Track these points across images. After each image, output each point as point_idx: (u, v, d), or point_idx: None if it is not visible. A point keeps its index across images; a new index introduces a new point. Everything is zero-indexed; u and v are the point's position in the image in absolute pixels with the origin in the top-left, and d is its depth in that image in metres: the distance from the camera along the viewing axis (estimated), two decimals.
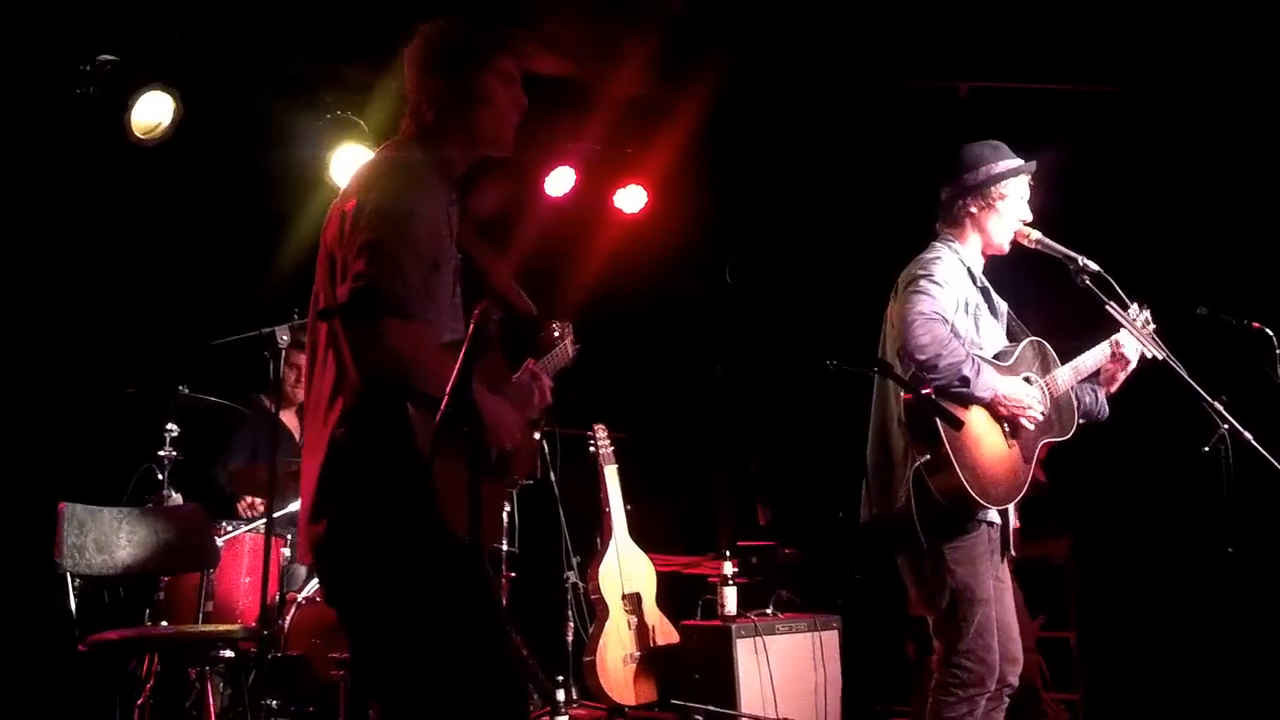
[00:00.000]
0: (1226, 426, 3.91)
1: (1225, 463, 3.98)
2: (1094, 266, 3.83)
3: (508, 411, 2.80)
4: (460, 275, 2.82)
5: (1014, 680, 3.82)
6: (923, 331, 3.64)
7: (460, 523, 2.56)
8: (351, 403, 2.72)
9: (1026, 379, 3.89)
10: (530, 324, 3.26)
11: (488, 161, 3.00)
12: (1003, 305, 4.09)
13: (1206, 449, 3.97)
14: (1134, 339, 3.98)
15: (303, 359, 5.91)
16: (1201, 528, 4.42)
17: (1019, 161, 3.97)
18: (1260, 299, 4.57)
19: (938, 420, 3.59)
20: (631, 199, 7.18)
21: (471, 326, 2.48)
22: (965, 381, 3.66)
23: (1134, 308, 4.02)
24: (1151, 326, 4.06)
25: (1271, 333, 4.19)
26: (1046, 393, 3.91)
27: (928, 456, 3.65)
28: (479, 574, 2.76)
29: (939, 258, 3.89)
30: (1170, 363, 3.88)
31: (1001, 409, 3.77)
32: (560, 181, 6.88)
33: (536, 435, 3.09)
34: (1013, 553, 3.89)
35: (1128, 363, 4.03)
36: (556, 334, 3.40)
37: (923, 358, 3.64)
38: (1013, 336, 4.06)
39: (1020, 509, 3.92)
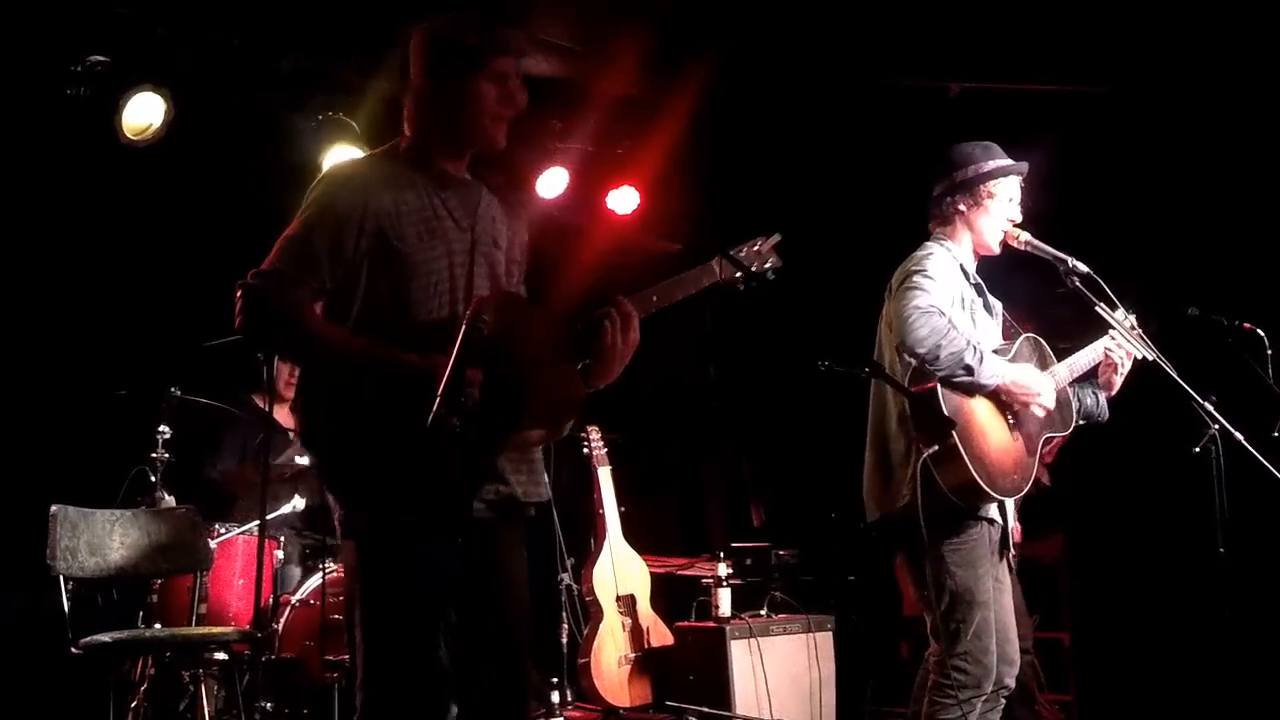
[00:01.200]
0: (1217, 427, 3.92)
1: (1216, 463, 3.99)
2: (1084, 268, 3.84)
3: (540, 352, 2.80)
4: (397, 266, 2.81)
5: (1010, 682, 3.82)
6: (921, 324, 3.64)
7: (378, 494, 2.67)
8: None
9: None
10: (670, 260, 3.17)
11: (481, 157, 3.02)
12: (997, 304, 4.09)
13: (1197, 449, 3.98)
14: (1125, 340, 3.99)
15: None
16: (1193, 528, 4.43)
17: (1010, 161, 3.98)
18: (1251, 299, 4.59)
19: (943, 413, 3.59)
20: (624, 200, 7.18)
21: (464, 325, 2.48)
22: (969, 370, 3.65)
23: (1120, 311, 4.03)
24: (1137, 331, 4.07)
25: (1263, 333, 4.20)
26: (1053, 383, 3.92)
27: (935, 448, 3.62)
28: (438, 554, 2.73)
29: (931, 254, 3.90)
30: (1161, 363, 3.89)
31: (1012, 397, 3.77)
32: (553, 182, 6.88)
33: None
34: (1012, 552, 3.90)
35: (1117, 366, 4.03)
36: (749, 251, 3.20)
37: (923, 350, 3.63)
38: (1007, 336, 4.06)
39: (1019, 508, 3.94)
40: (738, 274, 3.11)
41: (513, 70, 2.96)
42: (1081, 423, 4.08)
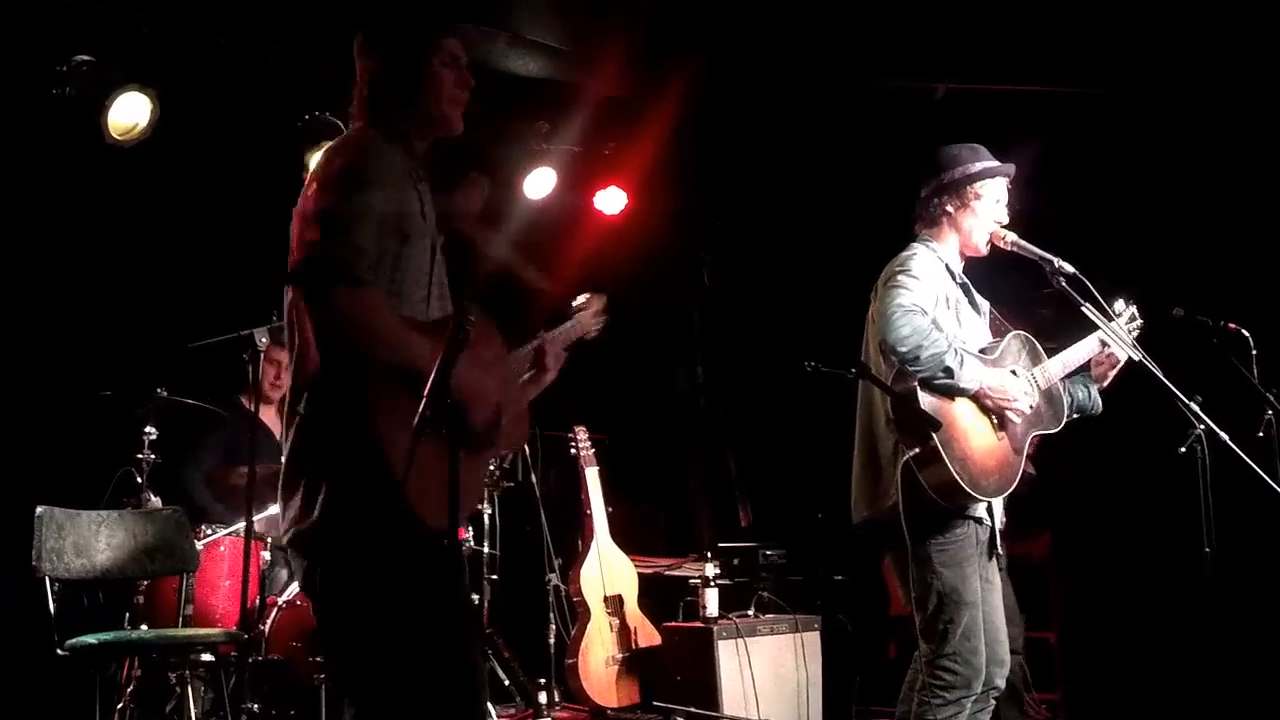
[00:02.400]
0: (1203, 427, 3.93)
1: (1202, 462, 4.00)
2: (1070, 269, 3.84)
3: (481, 384, 2.77)
4: (444, 254, 2.81)
5: (1001, 683, 3.82)
6: (903, 323, 3.65)
7: (423, 508, 2.57)
8: (312, 378, 2.70)
9: (1013, 372, 3.90)
10: (540, 297, 3.29)
11: (441, 142, 3.02)
12: (985, 303, 4.10)
13: (1183, 449, 3.99)
14: (1111, 340, 4.00)
15: (283, 355, 5.91)
16: (1179, 527, 4.45)
17: (997, 163, 3.99)
18: (1235, 299, 4.60)
19: (927, 413, 3.60)
20: (611, 200, 7.19)
21: (451, 326, 2.48)
22: (949, 372, 3.66)
23: (1119, 303, 4.04)
24: (1138, 322, 4.08)
25: (1247, 333, 4.21)
26: (1035, 384, 3.92)
27: (917, 450, 3.63)
28: (439, 563, 2.69)
29: (916, 254, 3.91)
30: (1147, 363, 3.90)
31: (988, 400, 3.79)
32: (540, 183, 6.88)
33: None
34: (999, 552, 3.91)
35: (1115, 362, 4.04)
36: (579, 304, 3.39)
37: (904, 349, 3.64)
38: (996, 333, 4.07)
39: (1006, 507, 3.94)
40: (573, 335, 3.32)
41: (461, 52, 2.98)
42: (1075, 416, 4.08)
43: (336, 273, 2.60)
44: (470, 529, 5.86)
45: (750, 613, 5.87)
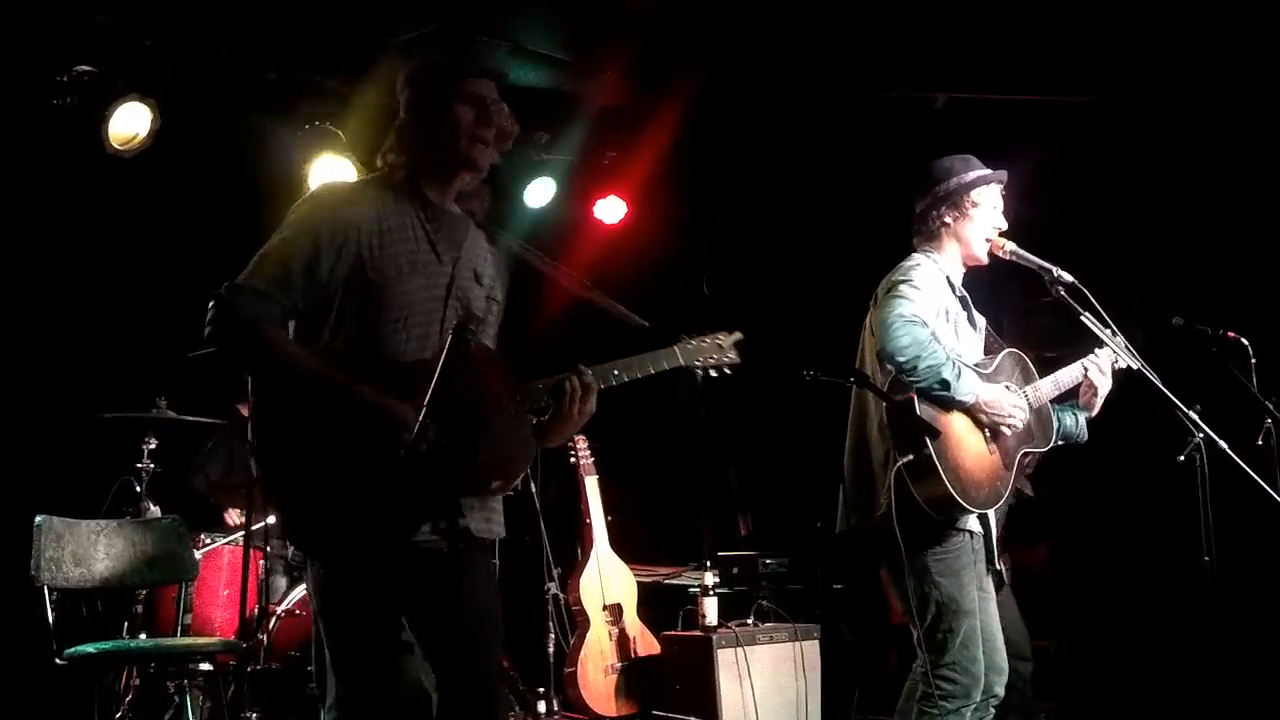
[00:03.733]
0: (1202, 435, 3.93)
1: (1201, 471, 4.00)
2: (1069, 278, 3.85)
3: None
4: (369, 297, 2.81)
5: (1001, 691, 3.82)
6: (902, 333, 3.66)
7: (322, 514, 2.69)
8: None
9: (1006, 388, 3.91)
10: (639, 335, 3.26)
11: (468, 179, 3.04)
12: (981, 319, 4.11)
13: (1182, 458, 4.00)
14: (1111, 349, 4.00)
15: None
16: (1178, 535, 4.45)
17: (989, 170, 4.00)
18: (1234, 308, 4.61)
19: (925, 421, 3.60)
20: (611, 210, 7.20)
21: (449, 340, 2.49)
22: (946, 385, 3.67)
23: (1108, 330, 4.04)
24: (1123, 342, 4.08)
25: (1246, 342, 4.22)
26: (1028, 402, 3.92)
27: (910, 458, 3.64)
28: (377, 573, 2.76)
29: (918, 265, 3.92)
30: (1145, 372, 3.90)
31: (983, 415, 3.79)
32: (540, 193, 6.90)
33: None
34: (997, 566, 3.91)
35: (1096, 388, 4.04)
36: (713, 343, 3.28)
37: (902, 359, 3.65)
38: (989, 350, 4.08)
39: (1004, 517, 3.94)
40: (695, 363, 3.20)
41: (488, 92, 2.98)
42: (1060, 443, 4.08)
43: (220, 300, 2.80)
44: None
45: (750, 622, 5.86)
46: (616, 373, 3.00)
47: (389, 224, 2.86)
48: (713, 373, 3.25)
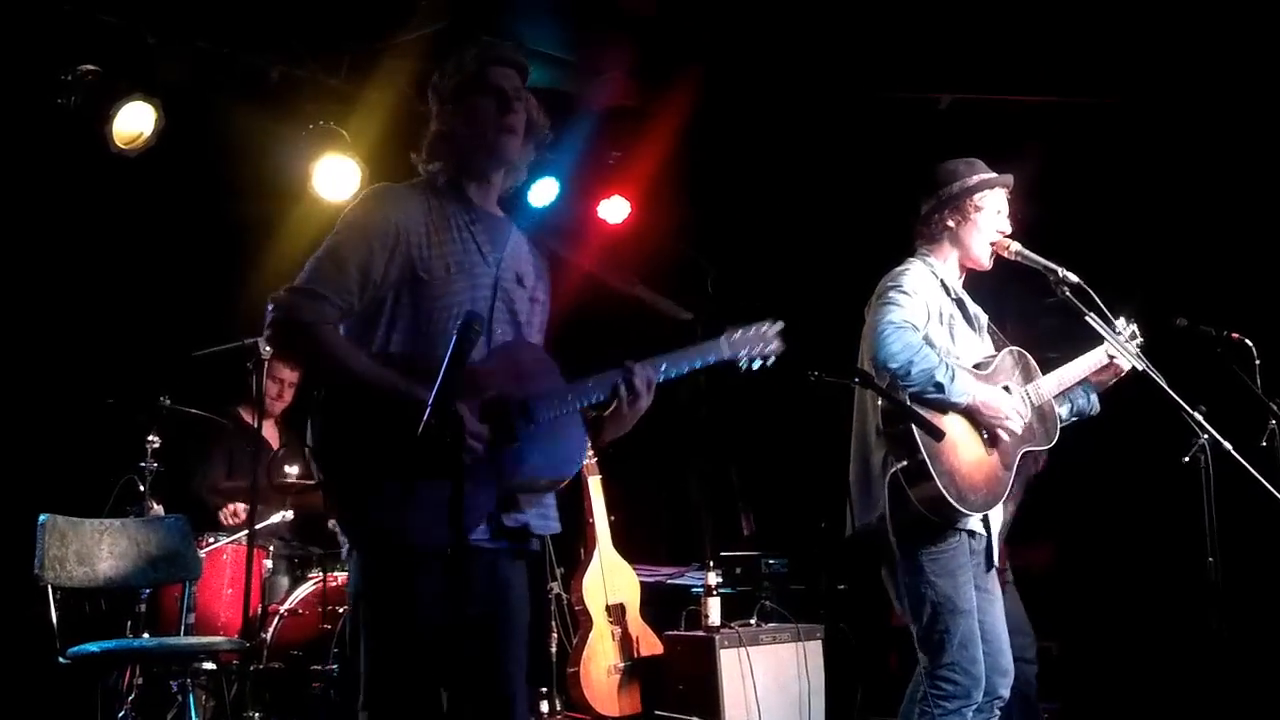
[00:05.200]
0: (1206, 437, 3.93)
1: (1205, 472, 3.99)
2: (1074, 278, 3.84)
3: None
4: (420, 297, 2.84)
5: (1005, 693, 3.80)
6: (893, 339, 3.66)
7: (388, 524, 2.67)
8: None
9: (1005, 388, 3.90)
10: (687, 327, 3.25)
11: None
12: (982, 317, 4.10)
13: (1186, 459, 3.99)
14: (1116, 350, 4.00)
15: (285, 372, 5.95)
16: (1182, 537, 4.44)
17: (994, 174, 4.00)
18: (1239, 309, 4.60)
19: (915, 429, 3.60)
20: (615, 210, 7.20)
21: (455, 338, 2.48)
22: (940, 388, 3.66)
23: (1120, 321, 4.03)
24: (1139, 340, 4.07)
25: (1250, 343, 4.21)
26: (1028, 401, 3.92)
27: (905, 463, 3.64)
28: (404, 574, 2.75)
29: (908, 269, 3.91)
30: (1150, 373, 3.89)
31: (980, 417, 3.78)
32: (544, 192, 6.90)
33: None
34: (997, 565, 3.90)
35: (1118, 371, 4.04)
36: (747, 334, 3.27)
37: (894, 365, 3.65)
38: (997, 347, 4.07)
39: (1008, 521, 3.93)
40: (740, 355, 3.20)
41: (509, 82, 2.98)
42: (1074, 419, 4.07)
43: (280, 307, 2.77)
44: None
45: (752, 622, 5.86)
46: (665, 367, 3.01)
47: (436, 225, 2.88)
48: (756, 365, 3.25)
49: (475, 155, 2.98)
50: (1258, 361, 4.17)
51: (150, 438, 5.22)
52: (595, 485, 6.27)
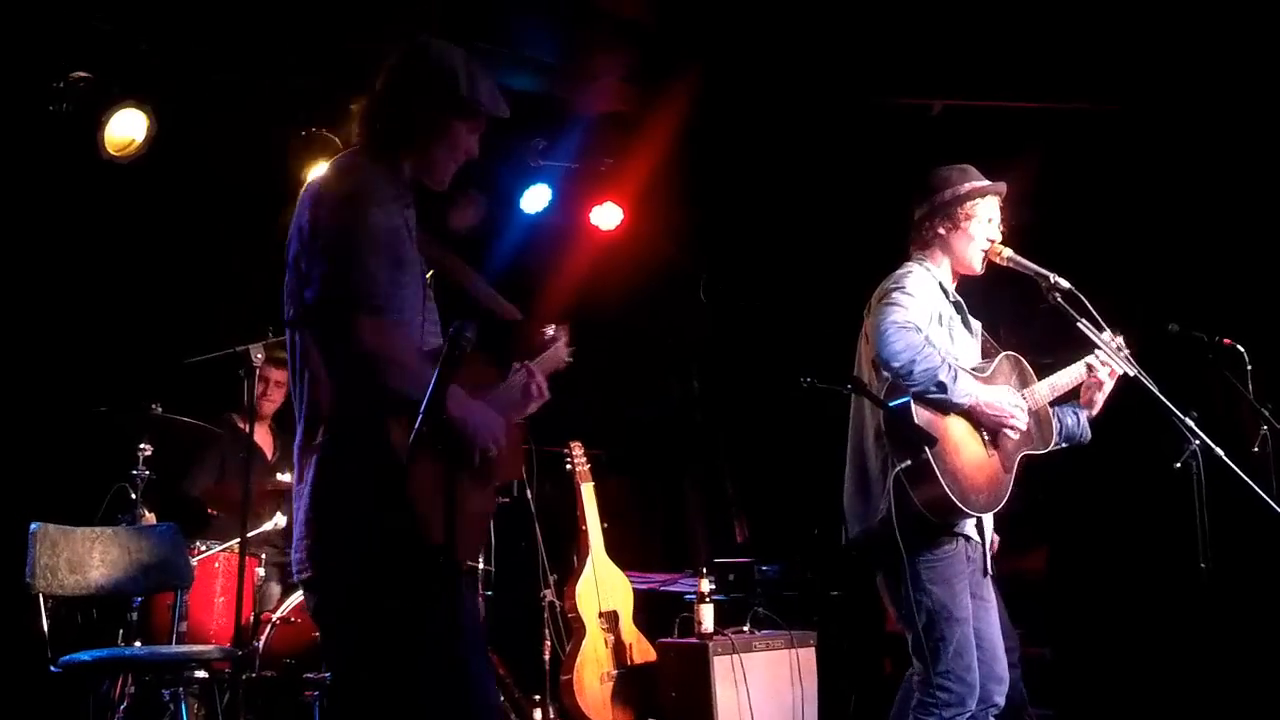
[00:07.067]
0: (1198, 442, 3.93)
1: (1197, 478, 4.00)
2: (1065, 284, 3.85)
3: (489, 414, 2.81)
4: (430, 283, 2.84)
5: (1000, 701, 3.80)
6: (896, 339, 3.66)
7: (438, 533, 2.55)
8: (329, 411, 2.71)
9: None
10: (517, 329, 3.27)
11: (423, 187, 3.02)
12: (977, 324, 4.11)
13: (1178, 465, 3.99)
14: (1107, 356, 4.00)
15: (273, 372, 5.93)
16: (1174, 542, 4.45)
17: (987, 182, 4.00)
18: (1231, 315, 4.61)
19: (915, 429, 3.60)
20: (607, 216, 7.20)
21: (446, 343, 2.48)
22: (942, 387, 3.66)
23: (1107, 334, 4.03)
24: (1125, 352, 4.08)
25: (1243, 349, 4.22)
26: (1026, 405, 3.92)
27: (908, 463, 3.63)
28: (455, 587, 2.72)
29: (910, 272, 3.92)
30: (1142, 379, 3.90)
31: (984, 417, 3.78)
32: (536, 199, 6.90)
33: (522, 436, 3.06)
34: (990, 571, 3.90)
35: (1101, 384, 4.04)
36: (550, 335, 3.34)
37: (897, 365, 3.65)
38: (987, 354, 4.08)
39: (1000, 523, 3.93)
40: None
41: (482, 128, 3.01)
42: (1063, 444, 4.08)
43: (355, 303, 2.64)
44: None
45: (746, 629, 5.85)
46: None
47: (396, 208, 2.84)
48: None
49: (428, 165, 2.96)
50: (1250, 367, 4.17)
51: (142, 445, 5.20)
52: (588, 492, 6.26)
